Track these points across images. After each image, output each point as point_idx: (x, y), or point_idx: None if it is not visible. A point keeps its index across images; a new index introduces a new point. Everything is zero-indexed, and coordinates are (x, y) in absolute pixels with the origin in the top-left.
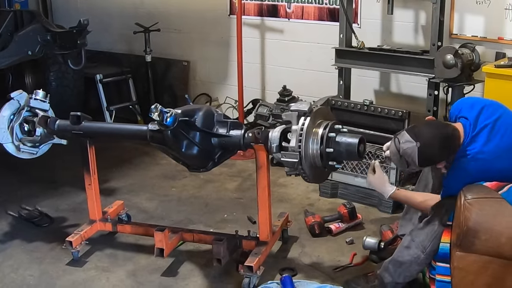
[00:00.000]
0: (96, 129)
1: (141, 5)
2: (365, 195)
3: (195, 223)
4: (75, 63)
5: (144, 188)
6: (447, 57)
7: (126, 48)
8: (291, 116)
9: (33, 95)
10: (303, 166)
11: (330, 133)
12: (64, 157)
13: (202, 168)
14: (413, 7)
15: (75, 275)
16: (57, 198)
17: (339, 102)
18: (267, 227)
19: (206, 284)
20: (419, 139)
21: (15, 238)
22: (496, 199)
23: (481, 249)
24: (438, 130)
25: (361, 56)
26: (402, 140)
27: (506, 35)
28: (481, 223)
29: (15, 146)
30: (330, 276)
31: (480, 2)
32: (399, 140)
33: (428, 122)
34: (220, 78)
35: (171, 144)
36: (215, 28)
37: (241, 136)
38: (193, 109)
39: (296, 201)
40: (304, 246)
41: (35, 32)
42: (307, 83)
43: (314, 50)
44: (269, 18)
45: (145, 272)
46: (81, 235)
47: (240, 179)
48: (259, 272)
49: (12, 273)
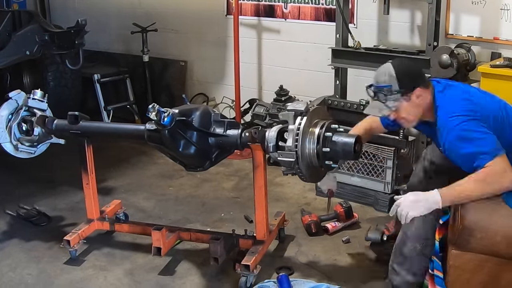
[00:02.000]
0: (94, 129)
1: (138, 5)
2: (361, 194)
3: (192, 222)
4: (73, 63)
5: (141, 188)
6: (443, 57)
7: (124, 48)
8: (288, 116)
9: (31, 95)
10: (299, 165)
11: (327, 132)
12: (62, 156)
13: (199, 168)
14: (409, 7)
15: (73, 274)
16: (55, 197)
17: (336, 102)
18: (264, 226)
19: (203, 283)
20: None
21: (13, 237)
22: (491, 198)
23: (477, 247)
24: None
25: (358, 56)
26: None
27: (502, 35)
28: (476, 222)
29: (13, 145)
30: (326, 275)
31: (476, 2)
32: None
33: None
34: (217, 78)
35: (168, 144)
36: (212, 28)
37: (238, 136)
38: (190, 108)
39: (293, 200)
40: (300, 245)
41: (33, 32)
42: (304, 83)
43: (310, 50)
44: (266, 18)
45: (143, 271)
46: (79, 234)
47: (237, 179)
48: (256, 271)
49: (10, 272)
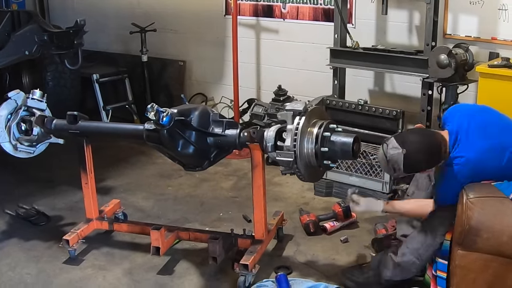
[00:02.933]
0: (93, 129)
1: (137, 6)
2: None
3: (191, 222)
4: (72, 63)
5: (140, 187)
6: (441, 57)
7: (123, 48)
8: (286, 116)
9: (30, 95)
10: (298, 165)
11: (325, 132)
12: (61, 156)
13: (198, 167)
14: (407, 8)
15: (72, 274)
16: (54, 197)
17: (334, 101)
18: (262, 225)
19: (201, 282)
20: (405, 146)
21: (13, 237)
22: (498, 198)
23: (483, 247)
24: (424, 138)
25: (356, 56)
26: (389, 146)
27: (500, 35)
28: (483, 222)
29: (12, 145)
30: (324, 274)
31: (474, 2)
32: (387, 146)
33: (415, 129)
34: (216, 78)
35: (167, 143)
36: (210, 28)
37: (236, 136)
38: (189, 108)
39: (291, 200)
40: (299, 245)
41: (32, 32)
42: (302, 83)
43: (309, 50)
44: (264, 18)
45: (141, 270)
46: (77, 233)
47: (235, 178)
48: (255, 271)
49: (9, 271)
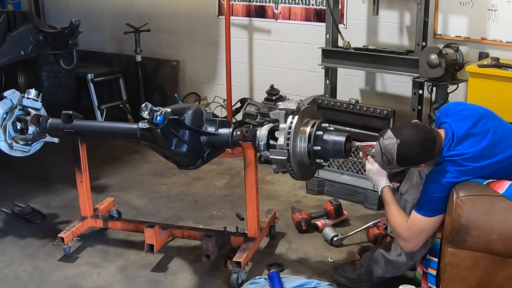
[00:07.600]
0: (88, 128)
1: (131, 6)
2: (351, 192)
3: (184, 220)
4: (66, 63)
5: (134, 185)
6: (431, 57)
7: (117, 48)
8: (279, 115)
9: (26, 94)
10: (291, 163)
11: (318, 131)
12: (56, 155)
13: (191, 166)
14: (398, 8)
15: (66, 271)
16: (49, 195)
17: (326, 101)
18: (255, 223)
19: (195, 280)
20: (400, 137)
21: (8, 235)
22: (488, 196)
23: (473, 245)
24: (420, 132)
25: (347, 56)
26: (385, 137)
27: (489, 36)
28: (473, 220)
29: (7, 144)
30: (316, 272)
31: (464, 3)
32: (383, 138)
33: (413, 123)
34: (209, 77)
35: (160, 142)
36: (204, 28)
37: (229, 134)
38: (183, 108)
39: (284, 198)
40: (291, 242)
41: (27, 32)
42: (294, 83)
43: (301, 50)
44: (257, 18)
45: (135, 267)
46: (72, 231)
47: (228, 177)
48: (247, 268)
49: (5, 268)
